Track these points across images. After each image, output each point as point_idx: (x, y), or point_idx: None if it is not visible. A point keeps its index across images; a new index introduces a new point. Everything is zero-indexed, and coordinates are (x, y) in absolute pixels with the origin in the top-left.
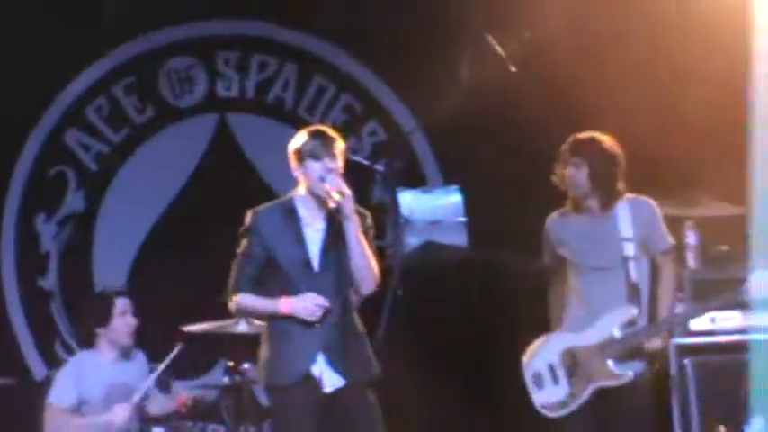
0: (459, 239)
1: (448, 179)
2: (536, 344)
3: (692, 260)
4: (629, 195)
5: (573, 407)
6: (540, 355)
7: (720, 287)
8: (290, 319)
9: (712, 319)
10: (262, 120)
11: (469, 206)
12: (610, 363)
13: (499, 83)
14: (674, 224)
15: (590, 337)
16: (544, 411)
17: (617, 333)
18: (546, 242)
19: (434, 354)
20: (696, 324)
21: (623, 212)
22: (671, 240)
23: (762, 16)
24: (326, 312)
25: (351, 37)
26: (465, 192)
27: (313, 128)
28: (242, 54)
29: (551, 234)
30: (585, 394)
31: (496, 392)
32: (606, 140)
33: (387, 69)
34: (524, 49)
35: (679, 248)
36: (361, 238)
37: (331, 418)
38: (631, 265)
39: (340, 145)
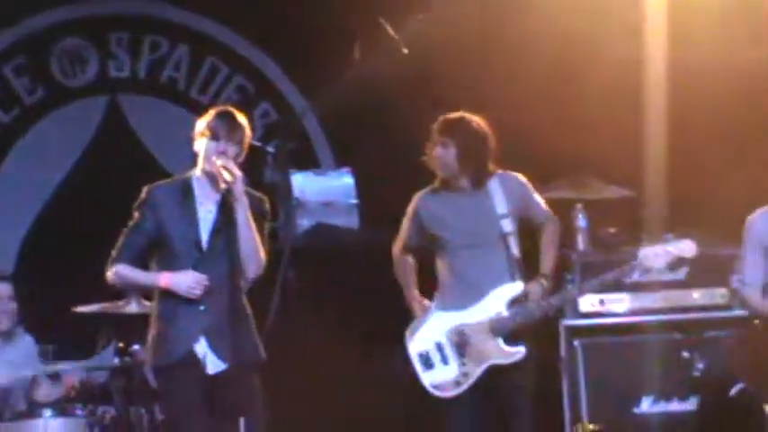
0: (351, 221)
1: (340, 161)
2: (416, 322)
3: (581, 242)
4: (498, 172)
5: (466, 386)
6: (425, 334)
7: (609, 268)
8: (176, 300)
9: (601, 301)
10: (154, 100)
11: (361, 188)
12: (500, 340)
13: (392, 66)
14: (564, 207)
15: (477, 314)
16: (435, 392)
17: (505, 311)
18: (412, 219)
19: (324, 334)
20: (585, 306)
21: (495, 189)
22: (546, 208)
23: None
24: (210, 292)
25: (244, 18)
26: (357, 174)
27: (223, 108)
28: (134, 34)
29: (422, 212)
30: (478, 372)
31: (388, 371)
32: (475, 120)
33: (279, 51)
34: (417, 32)
35: (570, 231)
36: (251, 221)
37: (216, 401)
38: (511, 240)
39: (244, 132)
